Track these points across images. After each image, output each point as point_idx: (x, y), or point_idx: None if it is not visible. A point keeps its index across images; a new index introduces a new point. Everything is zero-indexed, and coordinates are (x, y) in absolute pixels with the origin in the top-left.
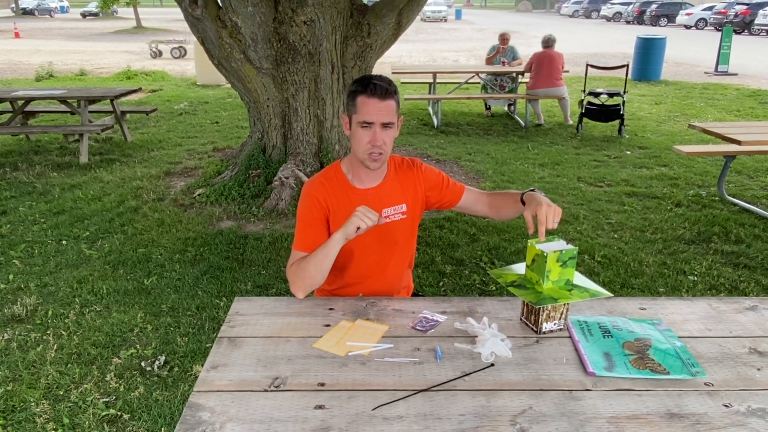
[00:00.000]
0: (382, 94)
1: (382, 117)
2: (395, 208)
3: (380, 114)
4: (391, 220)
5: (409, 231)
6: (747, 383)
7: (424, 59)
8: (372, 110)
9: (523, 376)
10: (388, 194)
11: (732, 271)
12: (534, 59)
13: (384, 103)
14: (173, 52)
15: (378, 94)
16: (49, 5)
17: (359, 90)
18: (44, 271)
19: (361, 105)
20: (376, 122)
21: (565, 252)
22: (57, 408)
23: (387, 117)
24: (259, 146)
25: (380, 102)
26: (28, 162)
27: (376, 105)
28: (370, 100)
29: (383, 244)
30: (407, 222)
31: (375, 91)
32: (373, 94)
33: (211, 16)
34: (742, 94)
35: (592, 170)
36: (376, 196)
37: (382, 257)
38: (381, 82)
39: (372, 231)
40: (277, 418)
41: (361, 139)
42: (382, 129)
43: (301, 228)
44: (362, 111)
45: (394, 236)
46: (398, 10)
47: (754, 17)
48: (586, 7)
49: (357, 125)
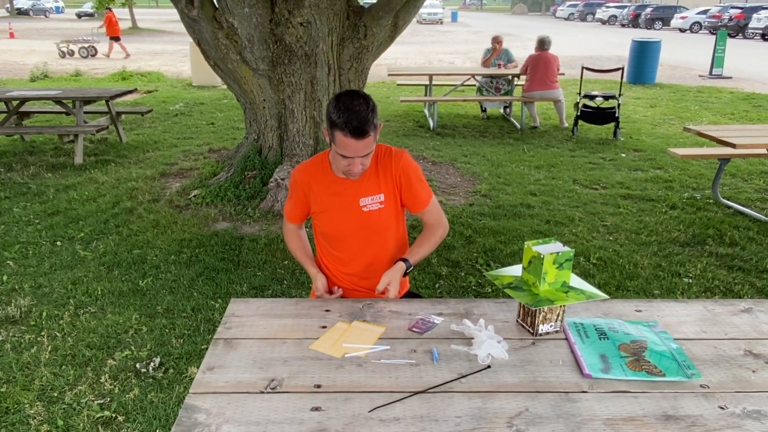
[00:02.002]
0: (359, 134)
1: (360, 153)
2: (372, 197)
3: (357, 152)
4: (369, 209)
5: (389, 220)
6: (742, 385)
7: (420, 61)
8: (350, 149)
9: (519, 378)
10: (366, 184)
11: (727, 274)
12: (529, 62)
13: (361, 143)
14: (81, 52)
15: (355, 135)
16: (44, 5)
17: (338, 124)
18: (39, 272)
19: (339, 140)
20: (355, 156)
21: (561, 254)
22: (51, 410)
23: (364, 151)
24: (255, 147)
25: (357, 142)
26: (22, 163)
27: (354, 145)
28: (348, 141)
29: (363, 232)
30: (386, 211)
31: (352, 132)
32: (351, 134)
33: (208, 17)
34: (737, 97)
35: (587, 172)
36: (354, 186)
37: (365, 245)
38: (358, 120)
39: (350, 220)
40: (273, 419)
41: (340, 162)
42: (362, 158)
43: (288, 199)
44: (340, 146)
45: (372, 225)
46: (395, 13)
47: (748, 21)
48: (582, 10)
49: (335, 152)
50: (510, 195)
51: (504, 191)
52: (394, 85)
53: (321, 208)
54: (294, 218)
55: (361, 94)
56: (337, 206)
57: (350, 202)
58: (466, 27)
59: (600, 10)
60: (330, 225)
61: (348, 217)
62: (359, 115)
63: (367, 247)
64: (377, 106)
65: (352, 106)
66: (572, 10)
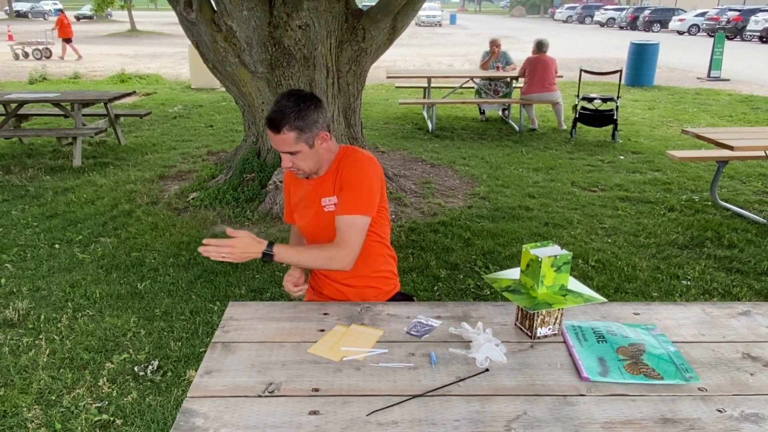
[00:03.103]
0: (273, 127)
1: (278, 147)
2: (329, 198)
3: (276, 145)
4: (328, 209)
5: None
6: (740, 388)
7: (419, 64)
8: (273, 141)
9: (517, 382)
10: (325, 186)
11: (725, 276)
12: (528, 64)
13: (278, 137)
14: (35, 54)
15: (270, 127)
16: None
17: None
18: (37, 275)
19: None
20: (279, 150)
21: (559, 257)
22: (49, 413)
23: (282, 147)
24: (253, 150)
25: (274, 135)
26: (21, 165)
27: (273, 138)
28: (269, 132)
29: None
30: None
31: (269, 124)
32: (268, 126)
33: (206, 20)
34: (735, 99)
35: (585, 175)
36: (317, 186)
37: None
38: (275, 115)
39: (316, 220)
40: (271, 423)
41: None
42: (288, 154)
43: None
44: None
45: (329, 224)
46: (393, 15)
47: (746, 23)
48: (580, 12)
49: None
50: (508, 197)
51: (502, 193)
52: (393, 87)
53: (296, 208)
54: (288, 218)
55: (299, 94)
56: (305, 206)
57: (314, 201)
58: (465, 29)
59: (598, 12)
60: (302, 224)
61: (313, 215)
62: (281, 111)
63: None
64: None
65: (280, 100)
66: (570, 12)
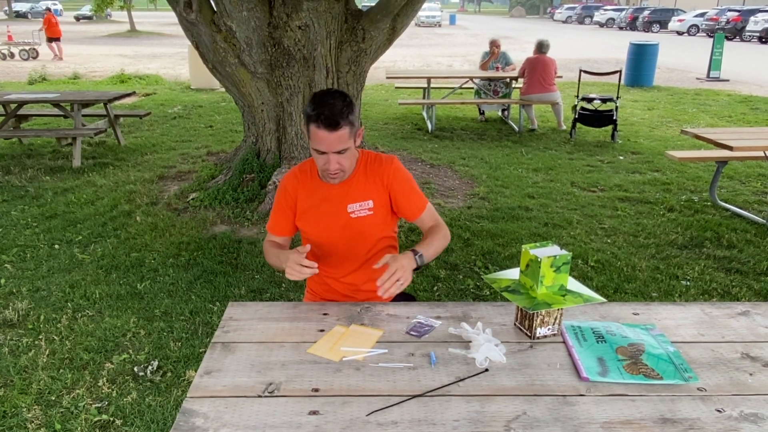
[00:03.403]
0: (331, 125)
1: (333, 147)
2: (361, 204)
3: (331, 145)
4: (357, 215)
5: (378, 227)
6: (739, 388)
7: (419, 64)
8: (323, 142)
9: (517, 382)
10: (354, 190)
11: (724, 276)
12: (527, 64)
13: (334, 134)
14: (21, 54)
15: (327, 126)
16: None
17: (312, 117)
18: (36, 275)
19: (313, 134)
20: (328, 151)
21: (558, 257)
22: (49, 413)
23: (338, 146)
24: (253, 150)
25: (330, 134)
26: (20, 166)
27: (327, 137)
28: (321, 132)
29: (351, 239)
30: (375, 218)
31: (324, 122)
32: (323, 125)
33: (206, 20)
34: (734, 99)
35: (585, 175)
36: (341, 192)
37: (352, 252)
38: (330, 111)
39: (338, 227)
40: (271, 423)
41: (317, 160)
42: (336, 154)
43: (272, 211)
44: (314, 140)
45: (361, 232)
46: (393, 16)
47: (745, 24)
48: (580, 13)
49: (312, 149)
50: (508, 197)
51: (502, 194)
52: (393, 87)
53: (308, 215)
54: (278, 230)
55: (338, 92)
56: (324, 212)
57: (338, 209)
58: (465, 30)
59: (598, 13)
60: (317, 231)
61: (336, 223)
62: (332, 108)
63: (354, 253)
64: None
65: (326, 99)
66: (570, 13)
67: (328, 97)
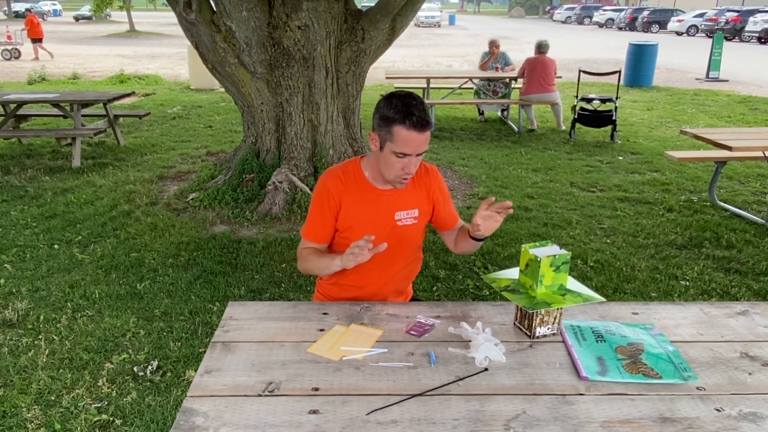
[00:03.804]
0: (422, 126)
1: (420, 149)
2: (408, 212)
3: (418, 146)
4: (403, 224)
5: (417, 236)
6: (738, 387)
7: (418, 64)
8: (411, 144)
9: (516, 381)
10: (403, 198)
11: (723, 276)
12: (527, 65)
13: (423, 136)
14: (4, 54)
15: (418, 127)
16: (41, 9)
17: (397, 119)
18: (36, 275)
19: (399, 136)
20: (413, 153)
21: (558, 257)
22: (48, 413)
23: (424, 147)
24: (252, 150)
25: (420, 135)
26: (20, 166)
27: (416, 138)
28: (410, 134)
29: (391, 247)
30: (417, 227)
31: (415, 124)
32: (413, 127)
33: (205, 21)
34: (733, 100)
35: (584, 175)
36: (391, 198)
37: (387, 258)
38: (420, 112)
39: (383, 233)
40: (271, 423)
41: (394, 165)
42: (416, 157)
43: (311, 217)
44: (400, 142)
45: (402, 239)
46: (392, 16)
47: (744, 24)
48: (579, 13)
49: (390, 152)
50: (507, 198)
51: (501, 194)
52: (392, 88)
53: (354, 220)
54: (319, 238)
55: (412, 94)
56: (371, 219)
57: (385, 215)
58: (464, 30)
59: (597, 13)
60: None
61: (382, 229)
62: (418, 108)
63: (393, 260)
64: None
65: (409, 101)
66: (569, 13)
67: (409, 98)
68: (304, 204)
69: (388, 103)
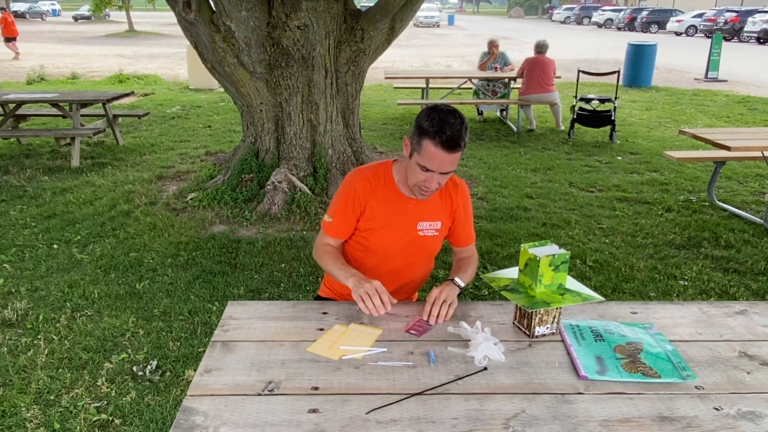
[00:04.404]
0: (451, 146)
1: (444, 168)
2: (431, 223)
3: (443, 166)
4: (424, 234)
5: (435, 248)
6: (737, 386)
7: (417, 64)
8: (436, 161)
9: (515, 380)
10: (429, 209)
11: (722, 276)
12: (526, 65)
13: (451, 156)
14: None
15: (446, 147)
16: (40, 8)
17: (429, 133)
18: (35, 275)
19: (427, 150)
20: (437, 171)
21: (557, 256)
22: (48, 413)
23: (449, 167)
24: (252, 150)
25: (447, 155)
26: (19, 165)
27: (442, 157)
28: (438, 151)
29: (410, 255)
30: (437, 239)
31: (445, 142)
32: (441, 145)
33: (205, 20)
34: (732, 100)
35: (583, 175)
36: (416, 207)
37: (407, 268)
38: (454, 132)
39: (404, 241)
40: (270, 422)
41: (417, 175)
42: (441, 174)
43: (336, 213)
44: (426, 157)
45: (420, 250)
46: (391, 16)
47: (743, 24)
48: (578, 13)
49: (416, 163)
50: (506, 198)
51: (501, 194)
52: (391, 88)
53: (377, 224)
54: (339, 233)
55: (456, 111)
56: (394, 224)
57: (409, 223)
58: (463, 30)
59: (596, 13)
60: (382, 242)
61: (403, 237)
62: (453, 128)
63: (408, 269)
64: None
65: (447, 118)
66: (568, 13)
67: (450, 116)
68: (303, 204)
69: (428, 114)
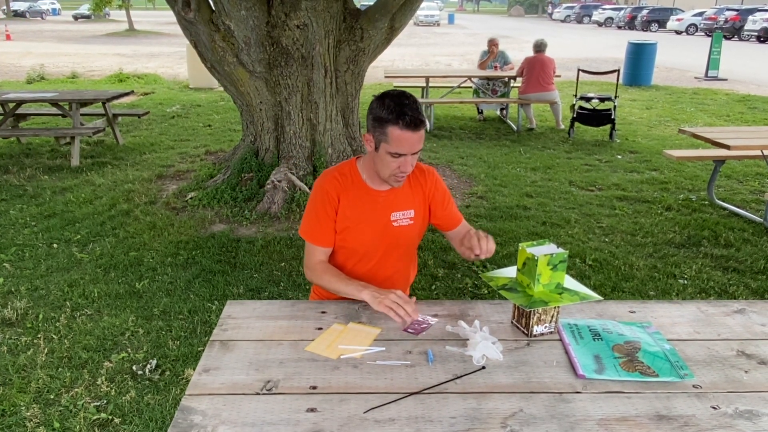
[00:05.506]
0: (416, 125)
1: (415, 148)
2: (404, 213)
3: (413, 145)
4: (399, 224)
5: (413, 238)
6: (734, 385)
7: (417, 63)
8: (405, 143)
9: (513, 379)
10: (400, 199)
11: (721, 275)
12: (526, 64)
13: (417, 135)
14: None
15: (412, 127)
16: (40, 8)
17: (390, 120)
18: (35, 274)
19: (393, 136)
20: (409, 153)
21: (555, 255)
22: (47, 412)
23: (419, 146)
24: (251, 150)
25: (414, 134)
26: (19, 165)
27: (410, 138)
28: (404, 133)
29: (388, 247)
30: (413, 228)
31: (409, 123)
32: (406, 126)
33: (204, 20)
34: (732, 99)
35: (583, 174)
36: (387, 199)
37: (387, 260)
38: (413, 112)
39: (379, 235)
40: (269, 421)
41: (389, 164)
42: (412, 155)
43: (312, 220)
44: (394, 143)
45: (398, 241)
46: (391, 15)
47: (743, 23)
48: (578, 12)
49: (386, 152)
50: (506, 197)
51: (500, 193)
52: (391, 87)
53: (351, 221)
54: (324, 240)
55: (405, 92)
56: (367, 219)
57: (382, 216)
58: (463, 29)
59: (596, 12)
60: (358, 239)
61: (378, 231)
62: (411, 108)
63: (388, 262)
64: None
65: (402, 101)
66: (569, 12)
67: (402, 98)
68: (303, 203)
69: (381, 103)
